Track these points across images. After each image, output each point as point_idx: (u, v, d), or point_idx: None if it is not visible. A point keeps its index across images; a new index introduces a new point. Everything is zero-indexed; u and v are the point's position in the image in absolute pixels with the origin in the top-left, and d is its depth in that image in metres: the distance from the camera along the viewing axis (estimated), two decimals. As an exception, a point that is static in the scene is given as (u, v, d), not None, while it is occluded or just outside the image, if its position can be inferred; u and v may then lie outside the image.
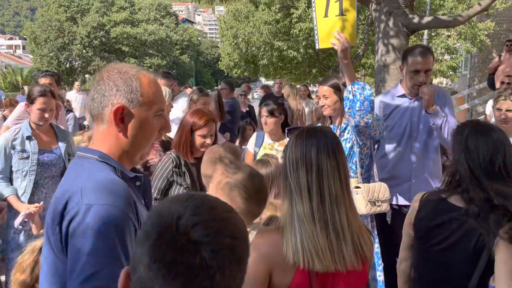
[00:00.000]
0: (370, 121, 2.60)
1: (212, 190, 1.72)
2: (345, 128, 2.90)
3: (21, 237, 3.04)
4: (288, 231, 1.40)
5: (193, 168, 2.75)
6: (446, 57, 18.07)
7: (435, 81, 18.89)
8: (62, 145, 3.22)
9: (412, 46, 3.00)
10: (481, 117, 9.45)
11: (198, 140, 2.72)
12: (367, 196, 2.74)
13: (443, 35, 16.72)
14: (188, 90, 6.45)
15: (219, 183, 1.70)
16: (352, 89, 2.60)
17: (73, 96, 11.00)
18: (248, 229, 1.60)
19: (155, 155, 3.24)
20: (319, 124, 4.02)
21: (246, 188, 1.66)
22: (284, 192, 1.47)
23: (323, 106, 2.97)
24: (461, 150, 1.81)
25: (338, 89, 2.89)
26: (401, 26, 4.05)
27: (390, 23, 4.10)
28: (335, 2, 2.63)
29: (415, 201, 1.97)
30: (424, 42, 12.92)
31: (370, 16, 11.10)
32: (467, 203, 1.75)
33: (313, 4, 2.74)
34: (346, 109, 2.67)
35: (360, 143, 2.85)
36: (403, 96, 3.01)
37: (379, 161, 3.09)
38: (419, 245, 1.93)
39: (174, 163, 2.71)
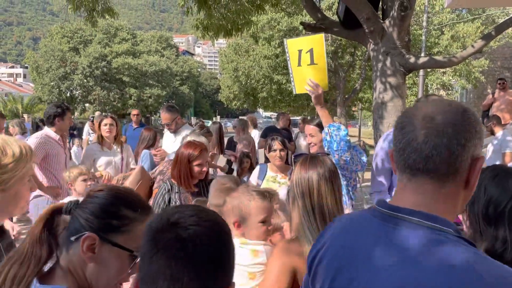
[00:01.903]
0: (348, 158, 2.76)
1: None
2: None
3: None
4: (304, 241, 1.71)
5: (188, 195, 3.03)
6: (442, 92, 18.42)
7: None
8: None
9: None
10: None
11: (196, 169, 3.00)
12: None
13: (438, 72, 17.12)
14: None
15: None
16: (328, 130, 2.76)
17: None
18: None
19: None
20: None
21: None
22: (293, 210, 1.79)
23: (310, 143, 3.16)
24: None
25: (323, 128, 3.03)
26: (398, 65, 4.21)
27: (388, 63, 4.26)
28: (306, 52, 2.83)
29: None
30: (420, 79, 13.22)
31: (367, 52, 11.42)
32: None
33: (287, 54, 2.94)
34: (325, 149, 2.82)
35: (347, 176, 2.98)
36: None
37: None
38: None
39: (167, 190, 3.02)
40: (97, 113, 12.22)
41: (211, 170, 4.07)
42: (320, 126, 3.07)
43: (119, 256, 1.12)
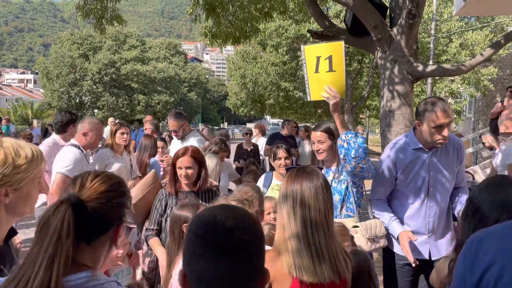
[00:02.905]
0: (365, 166, 2.76)
1: None
2: (341, 170, 3.00)
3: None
4: (283, 250, 1.75)
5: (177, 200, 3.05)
6: (450, 100, 18.33)
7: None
8: None
9: (429, 101, 2.81)
10: (486, 161, 9.48)
11: (178, 171, 3.00)
12: (366, 234, 2.81)
13: (447, 80, 17.03)
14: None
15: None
16: (346, 138, 2.75)
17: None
18: None
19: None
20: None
21: None
22: (278, 220, 1.87)
23: (318, 150, 3.09)
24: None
25: (332, 134, 3.01)
26: (406, 73, 4.18)
27: (395, 71, 4.23)
28: (325, 59, 2.82)
29: None
30: (429, 86, 13.16)
31: (375, 60, 11.37)
32: None
33: (303, 61, 2.91)
34: (341, 156, 2.80)
35: (357, 184, 2.98)
36: (419, 149, 2.87)
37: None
38: None
39: (164, 196, 3.05)
40: (110, 119, 12.09)
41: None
42: (328, 132, 3.02)
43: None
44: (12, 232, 1.63)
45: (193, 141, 4.51)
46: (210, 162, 3.73)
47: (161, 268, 2.87)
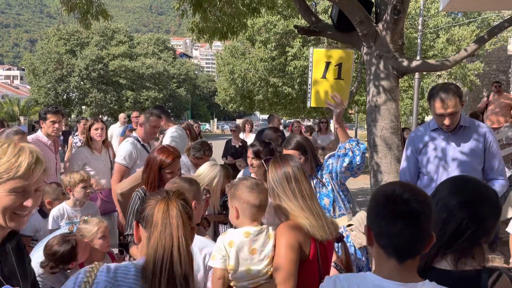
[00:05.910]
0: (362, 170, 2.85)
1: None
2: (322, 174, 3.00)
3: None
4: (296, 217, 2.08)
5: None
6: (438, 95, 18.45)
7: (427, 119, 19.22)
8: None
9: (438, 87, 2.88)
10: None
11: (167, 176, 2.85)
12: (362, 229, 2.83)
13: (434, 75, 17.17)
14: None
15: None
16: (350, 146, 2.79)
17: (117, 129, 9.67)
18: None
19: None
20: None
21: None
22: (277, 201, 2.17)
23: None
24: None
25: (304, 149, 2.99)
26: (391, 69, 4.20)
27: (381, 66, 4.25)
28: (335, 66, 2.80)
29: None
30: (416, 82, 13.26)
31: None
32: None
33: (310, 65, 2.89)
34: (344, 165, 2.81)
35: (343, 182, 3.00)
36: (437, 129, 2.98)
37: None
38: None
39: (141, 199, 2.85)
40: (121, 115, 11.01)
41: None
42: (300, 149, 2.97)
43: None
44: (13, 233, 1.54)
45: (166, 137, 4.55)
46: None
47: None
